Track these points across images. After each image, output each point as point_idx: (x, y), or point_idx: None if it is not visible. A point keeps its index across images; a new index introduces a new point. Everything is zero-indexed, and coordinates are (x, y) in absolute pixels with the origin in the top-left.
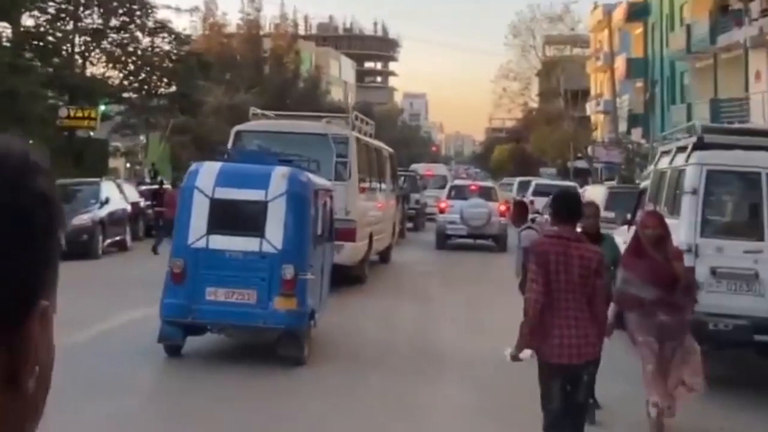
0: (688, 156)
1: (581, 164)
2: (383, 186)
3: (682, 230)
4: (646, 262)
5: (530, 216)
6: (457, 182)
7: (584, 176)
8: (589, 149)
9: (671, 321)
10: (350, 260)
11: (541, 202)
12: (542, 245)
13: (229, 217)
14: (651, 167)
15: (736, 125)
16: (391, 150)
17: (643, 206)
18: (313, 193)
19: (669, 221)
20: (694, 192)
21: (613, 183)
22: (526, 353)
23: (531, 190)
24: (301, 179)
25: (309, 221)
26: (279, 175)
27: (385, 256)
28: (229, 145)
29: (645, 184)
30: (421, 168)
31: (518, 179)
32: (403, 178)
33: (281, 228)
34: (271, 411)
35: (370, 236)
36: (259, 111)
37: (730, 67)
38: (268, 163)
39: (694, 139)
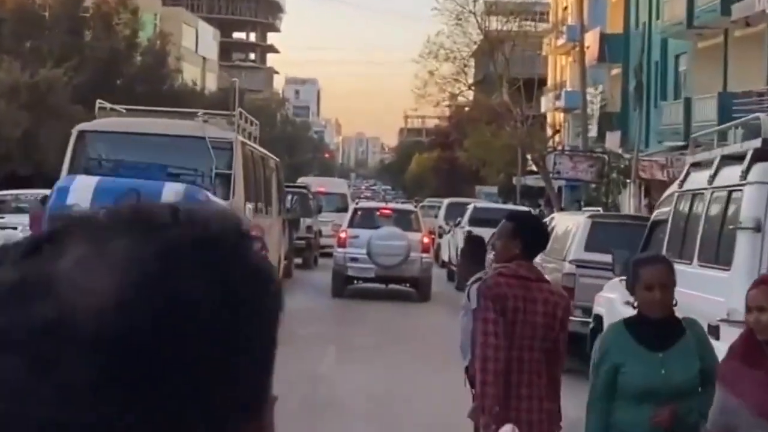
0: (747, 169)
1: (533, 181)
2: (270, 207)
3: (735, 289)
4: (762, 376)
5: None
6: (364, 204)
7: (534, 197)
8: (548, 160)
9: None
10: None
11: (480, 233)
12: (498, 286)
13: None
14: (674, 187)
15: None
16: (276, 159)
17: (659, 248)
18: None
19: (711, 273)
20: (757, 227)
21: (598, 210)
22: (507, 429)
23: (467, 216)
24: (198, 197)
25: None
26: (172, 193)
27: None
28: (69, 151)
29: (661, 213)
30: (312, 183)
31: (447, 201)
32: (291, 196)
33: None
34: None
35: None
36: (107, 104)
37: (748, 47)
38: (155, 177)
39: (756, 143)
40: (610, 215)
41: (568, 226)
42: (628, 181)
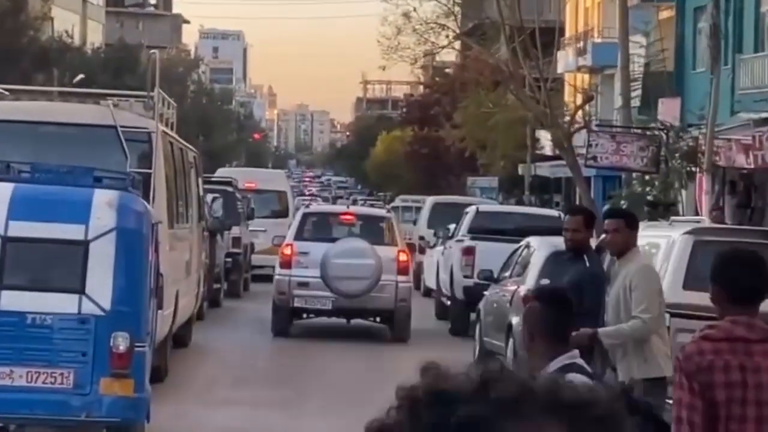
0: None
1: (548, 170)
2: (189, 214)
3: None
4: None
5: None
6: (316, 208)
7: (546, 192)
8: (578, 141)
9: None
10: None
11: (489, 252)
12: (701, 355)
13: (31, 264)
14: None
15: None
16: (195, 151)
17: None
18: (150, 228)
19: None
20: None
21: (700, 221)
22: None
23: (466, 223)
24: (136, 208)
25: (147, 269)
26: (103, 202)
27: (183, 333)
28: None
29: None
30: (239, 177)
31: (431, 200)
32: (212, 197)
33: (109, 279)
34: None
35: (176, 299)
36: None
37: None
38: (82, 183)
39: None
40: (723, 230)
41: (652, 246)
42: (694, 169)
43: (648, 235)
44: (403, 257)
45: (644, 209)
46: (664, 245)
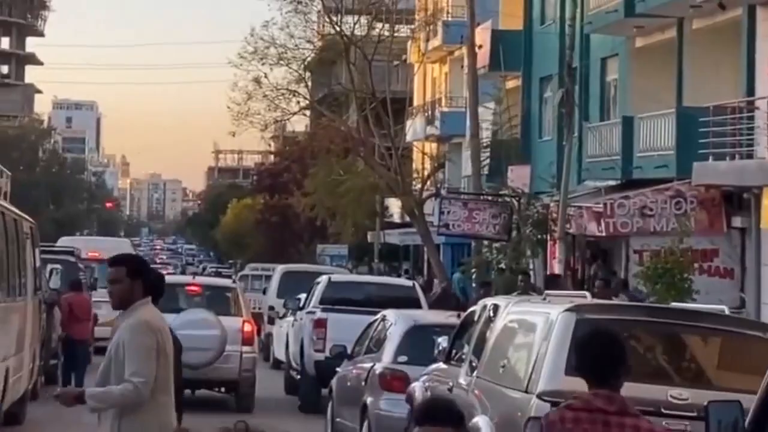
0: None
1: (397, 237)
2: (23, 285)
3: None
4: None
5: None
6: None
7: (393, 259)
8: (433, 207)
9: None
10: None
11: (342, 324)
12: (563, 421)
13: None
14: None
15: None
16: (32, 221)
17: None
18: None
19: None
20: None
21: (585, 295)
22: None
23: (318, 294)
24: None
25: None
26: None
27: (17, 411)
28: None
29: None
30: (82, 246)
31: (281, 268)
32: (51, 268)
33: None
34: None
35: (6, 376)
36: None
37: (713, 46)
38: None
39: None
40: (607, 307)
41: (526, 326)
42: (544, 237)
43: (520, 311)
44: (248, 327)
45: (518, 279)
46: (541, 324)
